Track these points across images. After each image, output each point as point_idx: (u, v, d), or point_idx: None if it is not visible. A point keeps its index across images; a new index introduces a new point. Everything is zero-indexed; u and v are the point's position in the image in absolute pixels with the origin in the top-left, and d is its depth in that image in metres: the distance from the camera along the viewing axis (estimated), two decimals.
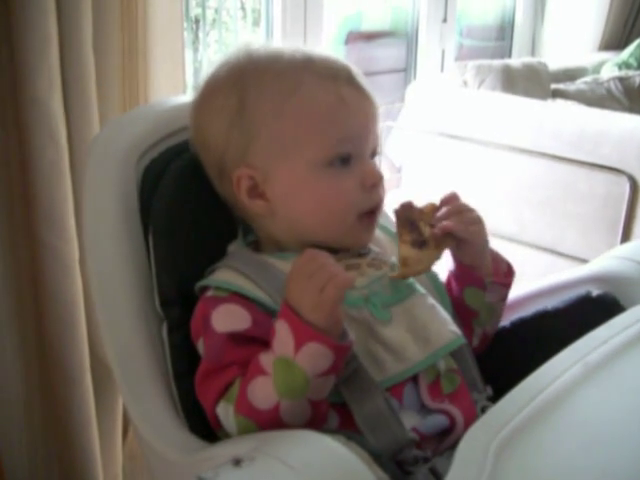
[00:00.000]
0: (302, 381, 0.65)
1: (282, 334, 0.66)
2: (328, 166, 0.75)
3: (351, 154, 0.75)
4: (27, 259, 1.07)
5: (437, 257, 0.77)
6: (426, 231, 0.77)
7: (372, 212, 0.78)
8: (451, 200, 0.79)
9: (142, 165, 0.82)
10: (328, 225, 0.76)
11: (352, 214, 0.76)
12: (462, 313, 0.83)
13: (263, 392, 0.66)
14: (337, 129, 0.75)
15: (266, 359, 0.67)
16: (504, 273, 0.84)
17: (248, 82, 0.75)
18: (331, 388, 0.68)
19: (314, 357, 0.64)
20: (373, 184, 0.76)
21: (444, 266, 0.85)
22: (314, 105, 0.74)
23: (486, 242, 0.81)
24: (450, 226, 0.77)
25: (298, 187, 0.75)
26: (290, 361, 0.65)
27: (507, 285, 0.84)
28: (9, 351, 1.09)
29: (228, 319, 0.72)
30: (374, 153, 0.79)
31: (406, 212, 0.78)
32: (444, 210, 0.78)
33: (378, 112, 0.79)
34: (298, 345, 0.64)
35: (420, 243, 0.76)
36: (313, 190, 0.75)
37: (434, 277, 0.84)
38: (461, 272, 0.83)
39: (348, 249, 0.78)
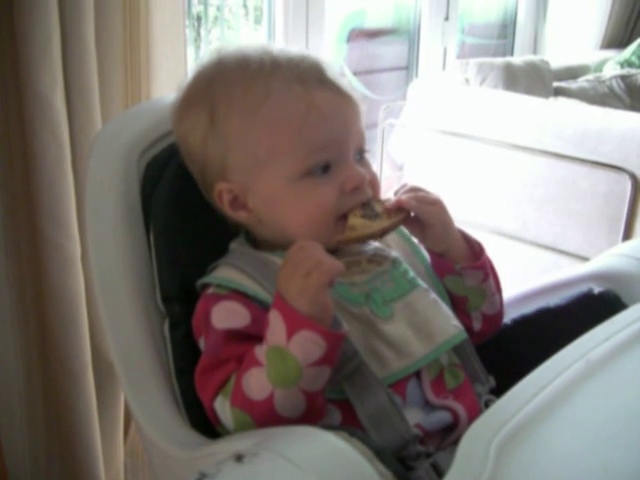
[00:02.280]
0: (294, 369, 0.64)
1: (274, 324, 0.66)
2: (306, 176, 0.73)
3: (330, 161, 0.74)
4: (29, 255, 1.07)
5: (389, 227, 0.75)
6: (378, 208, 0.76)
7: None
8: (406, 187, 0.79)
9: (144, 161, 0.83)
10: (312, 232, 0.74)
11: (333, 218, 0.75)
12: (452, 302, 0.82)
13: (257, 382, 0.66)
14: (310, 140, 0.73)
15: (260, 351, 0.67)
16: (475, 255, 0.81)
17: (217, 96, 0.74)
18: (326, 382, 0.67)
19: (306, 345, 0.64)
20: (354, 188, 0.74)
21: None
22: (284, 116, 0.72)
23: (448, 224, 0.79)
24: (402, 199, 0.76)
25: (277, 199, 0.75)
26: (282, 349, 0.65)
27: (479, 267, 0.81)
28: (11, 347, 1.09)
29: (227, 316, 0.72)
30: (361, 151, 0.77)
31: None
32: (400, 192, 0.78)
33: (358, 109, 0.77)
34: (290, 333, 0.64)
35: (371, 217, 0.75)
36: (292, 201, 0.74)
37: (433, 274, 0.83)
38: (435, 262, 0.82)
39: (337, 250, 0.76)
